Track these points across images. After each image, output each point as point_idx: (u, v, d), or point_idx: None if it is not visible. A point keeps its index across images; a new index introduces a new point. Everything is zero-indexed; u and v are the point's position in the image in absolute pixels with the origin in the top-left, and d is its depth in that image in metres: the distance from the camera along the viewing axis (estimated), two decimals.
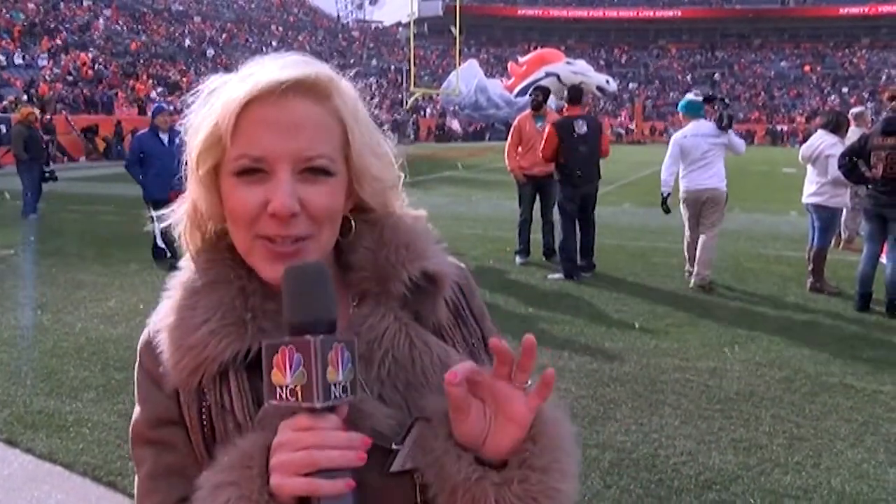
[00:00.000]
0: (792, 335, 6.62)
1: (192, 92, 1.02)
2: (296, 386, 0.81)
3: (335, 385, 0.82)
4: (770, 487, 3.91)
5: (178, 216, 1.06)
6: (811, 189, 8.47)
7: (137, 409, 1.04)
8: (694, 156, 8.52)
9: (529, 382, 0.89)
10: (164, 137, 9.20)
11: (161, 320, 1.01)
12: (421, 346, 1.02)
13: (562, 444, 0.94)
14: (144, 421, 1.02)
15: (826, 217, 8.38)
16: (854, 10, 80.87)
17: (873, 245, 7.51)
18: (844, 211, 10.08)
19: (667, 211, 9.21)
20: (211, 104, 0.98)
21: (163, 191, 8.18)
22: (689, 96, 9.33)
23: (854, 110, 10.80)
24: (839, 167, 7.64)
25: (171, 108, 13.18)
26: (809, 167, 8.54)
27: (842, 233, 10.88)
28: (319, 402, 0.81)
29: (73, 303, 7.44)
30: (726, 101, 9.73)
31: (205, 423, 0.97)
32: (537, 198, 9.84)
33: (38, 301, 7.58)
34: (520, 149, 9.75)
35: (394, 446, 0.94)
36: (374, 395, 0.97)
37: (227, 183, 0.97)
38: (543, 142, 8.93)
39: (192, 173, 1.01)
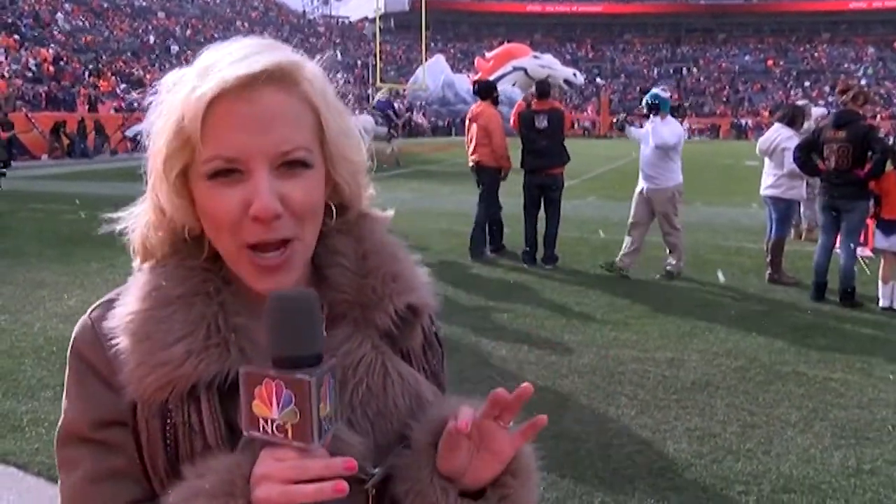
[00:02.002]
0: (749, 325, 6.74)
1: (151, 90, 0.96)
2: (285, 423, 0.79)
3: (325, 419, 0.80)
4: (721, 474, 4.00)
5: (136, 219, 1.01)
6: (768, 181, 8.63)
7: (70, 405, 0.98)
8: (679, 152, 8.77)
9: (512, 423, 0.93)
10: None
11: (122, 326, 0.94)
12: (395, 377, 1.01)
13: (534, 479, 0.99)
14: (84, 419, 0.96)
15: (783, 209, 8.54)
16: (815, 5, 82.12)
17: (827, 236, 7.67)
18: (802, 202, 10.27)
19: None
20: (171, 103, 0.92)
21: None
22: (661, 93, 9.33)
23: (798, 103, 10.97)
24: (794, 160, 7.79)
25: (136, 105, 13.00)
26: (766, 160, 8.70)
27: (801, 223, 11.07)
28: (315, 442, 0.79)
29: (33, 302, 7.35)
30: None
31: (168, 441, 0.92)
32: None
33: None
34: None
35: (371, 471, 0.94)
36: (344, 421, 0.94)
37: (201, 187, 0.91)
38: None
39: (158, 178, 0.94)
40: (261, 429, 0.80)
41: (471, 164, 9.88)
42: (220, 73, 0.88)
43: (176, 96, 0.91)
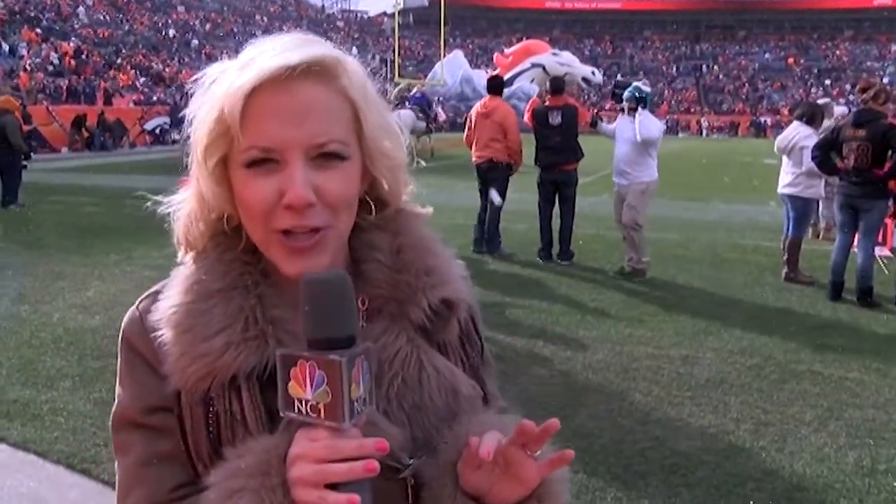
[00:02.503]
0: (764, 324, 6.72)
1: (193, 80, 0.99)
2: (318, 403, 0.81)
3: (357, 401, 0.81)
4: (734, 472, 3.99)
5: (179, 208, 1.04)
6: (786, 180, 8.58)
7: (124, 392, 1.02)
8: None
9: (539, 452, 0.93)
10: None
11: (165, 318, 0.97)
12: (430, 370, 1.02)
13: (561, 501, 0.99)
14: (136, 406, 1.00)
15: (800, 207, 8.49)
16: (838, 3, 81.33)
17: (845, 235, 7.62)
18: (821, 201, 10.21)
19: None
20: (213, 94, 0.94)
21: None
22: (643, 86, 9.12)
23: (819, 102, 10.90)
24: (812, 158, 7.74)
25: (155, 98, 13.05)
26: (784, 158, 8.65)
27: (817, 223, 11.00)
28: (346, 422, 0.81)
29: (52, 293, 7.44)
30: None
31: (211, 428, 0.96)
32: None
33: (17, 291, 7.57)
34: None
35: (406, 461, 0.96)
36: (380, 412, 0.96)
37: (238, 175, 0.94)
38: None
39: (198, 166, 0.97)
40: (296, 409, 0.82)
41: (479, 159, 9.76)
42: (259, 65, 0.91)
43: (218, 88, 0.94)
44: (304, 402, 0.81)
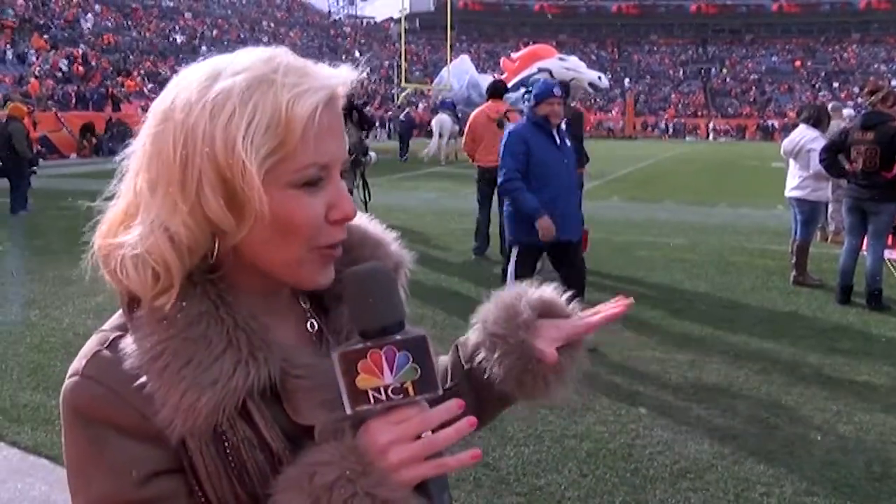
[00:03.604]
0: (772, 327, 6.70)
1: (218, 93, 0.86)
2: (404, 383, 0.83)
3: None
4: (743, 475, 3.99)
5: (124, 254, 0.90)
6: (793, 183, 8.56)
7: (100, 478, 0.87)
8: None
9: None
10: None
11: (150, 360, 0.87)
12: None
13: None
14: (127, 484, 0.86)
15: (808, 211, 8.47)
16: (845, 4, 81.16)
17: (854, 238, 7.60)
18: (830, 204, 10.19)
19: None
20: (255, 104, 0.85)
21: None
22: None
23: (822, 105, 10.88)
24: (820, 161, 7.73)
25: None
26: (791, 161, 8.63)
27: (826, 226, 10.97)
28: (440, 389, 0.85)
29: (62, 298, 7.48)
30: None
31: (233, 463, 0.88)
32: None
33: (27, 297, 7.62)
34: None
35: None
36: None
37: (284, 195, 0.87)
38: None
39: (210, 188, 0.85)
40: (371, 399, 0.83)
41: (490, 163, 9.73)
42: (322, 80, 0.89)
43: (265, 99, 0.85)
44: (382, 389, 0.83)
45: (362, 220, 1.10)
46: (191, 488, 0.88)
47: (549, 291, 1.18)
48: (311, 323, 1.02)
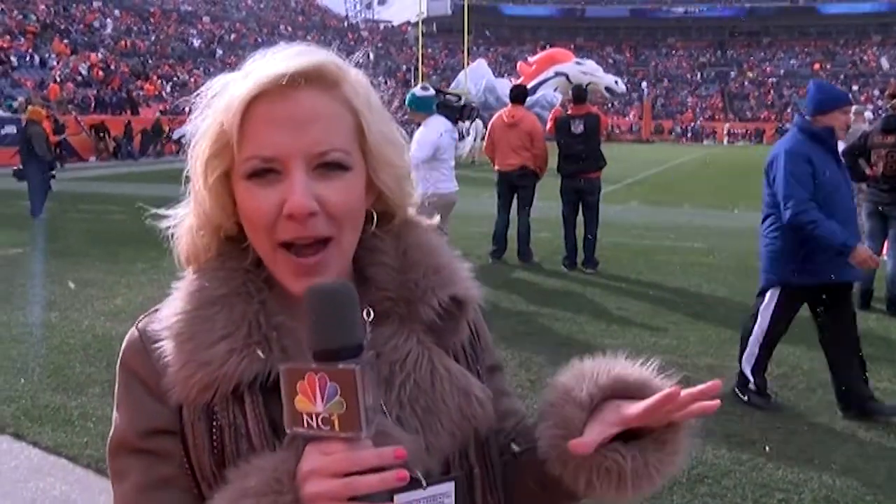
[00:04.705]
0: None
1: (195, 94, 0.97)
2: (331, 415, 0.78)
3: (369, 410, 0.79)
4: (761, 481, 3.96)
5: (180, 222, 1.01)
6: None
7: (121, 416, 0.98)
8: (447, 155, 8.01)
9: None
10: None
11: (167, 328, 0.95)
12: (442, 372, 0.99)
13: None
14: (133, 430, 0.96)
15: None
16: (865, 7, 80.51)
17: (874, 243, 7.52)
18: None
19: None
20: (214, 107, 0.94)
21: None
22: (418, 91, 8.31)
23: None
24: None
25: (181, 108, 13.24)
26: None
27: None
28: (364, 431, 0.79)
29: (81, 301, 7.54)
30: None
31: (215, 444, 0.92)
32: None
33: (47, 299, 7.69)
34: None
35: (416, 474, 0.90)
36: (393, 418, 0.94)
37: (240, 187, 0.92)
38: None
39: (200, 180, 0.96)
40: (305, 424, 0.79)
41: (510, 167, 9.76)
42: (256, 75, 0.91)
43: (219, 100, 0.93)
44: (314, 416, 0.79)
45: (437, 240, 1.07)
46: (182, 455, 0.94)
47: (634, 368, 1.03)
48: None
